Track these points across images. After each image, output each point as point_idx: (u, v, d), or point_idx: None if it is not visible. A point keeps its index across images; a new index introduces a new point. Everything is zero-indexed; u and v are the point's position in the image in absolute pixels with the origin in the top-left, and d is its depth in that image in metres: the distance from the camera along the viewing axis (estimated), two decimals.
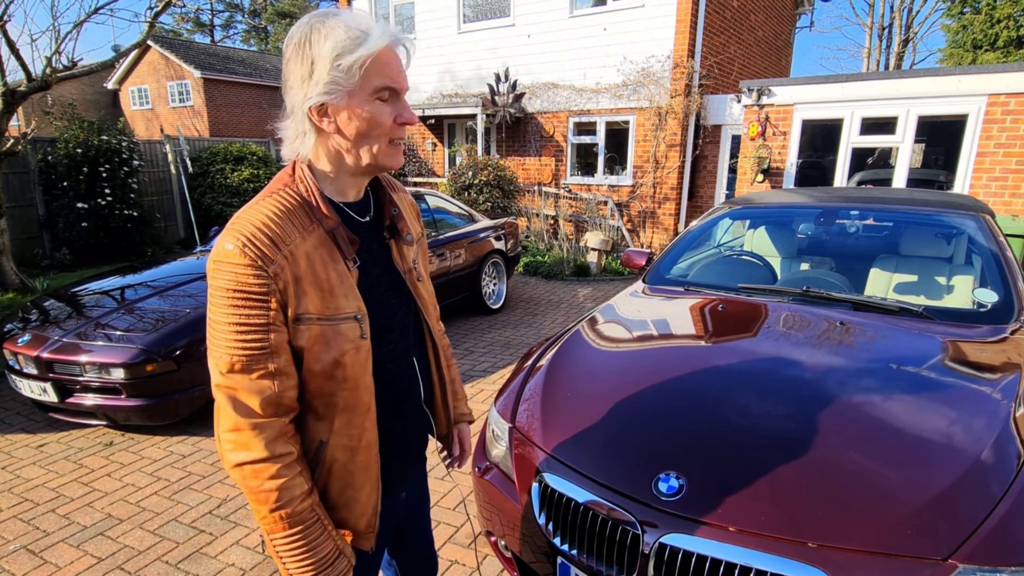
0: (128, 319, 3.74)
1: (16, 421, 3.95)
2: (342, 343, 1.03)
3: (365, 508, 1.13)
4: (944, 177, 8.31)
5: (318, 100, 0.98)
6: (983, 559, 1.25)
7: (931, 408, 1.74)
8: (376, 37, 0.97)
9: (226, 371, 0.97)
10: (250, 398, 0.98)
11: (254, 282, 0.95)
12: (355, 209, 1.14)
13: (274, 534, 1.02)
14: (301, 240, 1.00)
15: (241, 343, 0.96)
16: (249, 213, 0.99)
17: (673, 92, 8.92)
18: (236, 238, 0.95)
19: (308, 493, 1.03)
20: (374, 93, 1.00)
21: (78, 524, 2.82)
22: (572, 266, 8.73)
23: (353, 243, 1.07)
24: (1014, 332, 2.24)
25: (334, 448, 1.08)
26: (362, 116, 1.00)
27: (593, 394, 2.00)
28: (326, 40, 0.96)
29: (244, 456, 0.98)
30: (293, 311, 0.99)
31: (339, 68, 0.96)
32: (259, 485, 0.98)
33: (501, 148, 11.15)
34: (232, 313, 0.95)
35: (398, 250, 1.20)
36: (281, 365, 0.99)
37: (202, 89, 20.19)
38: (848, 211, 3.37)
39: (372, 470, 1.12)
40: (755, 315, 2.48)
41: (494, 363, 5.00)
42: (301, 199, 1.03)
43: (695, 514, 1.45)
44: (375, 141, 1.03)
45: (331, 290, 1.02)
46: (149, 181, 9.95)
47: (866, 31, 24.27)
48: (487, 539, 2.08)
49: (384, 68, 0.99)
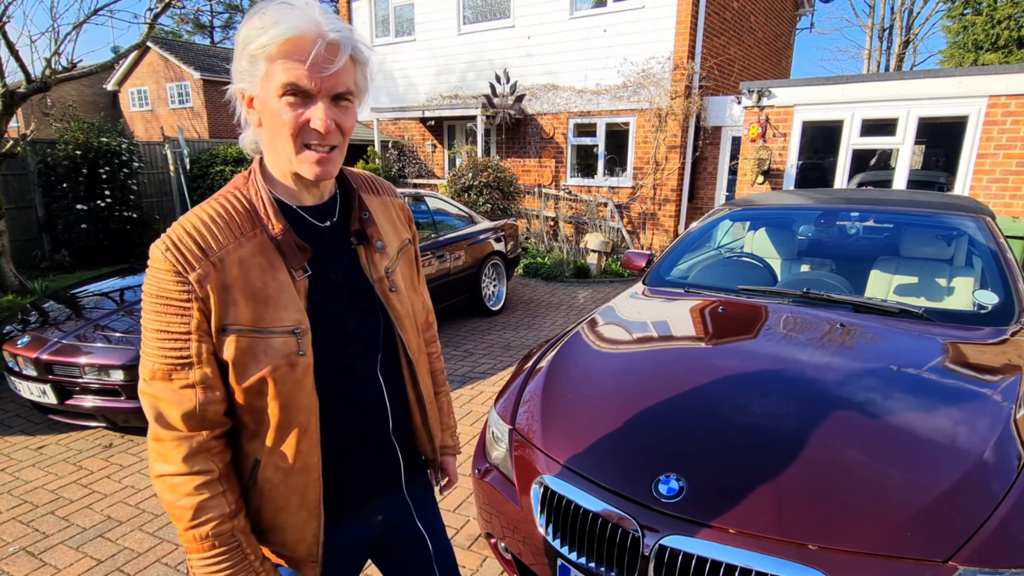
0: (127, 321, 3.73)
1: (15, 423, 3.95)
2: (273, 357, 0.95)
3: (303, 534, 1.05)
4: (944, 179, 8.31)
5: (236, 85, 0.95)
6: (984, 561, 1.25)
7: (931, 410, 1.74)
8: (283, 28, 0.88)
9: (148, 378, 0.94)
10: (171, 409, 0.94)
11: (173, 288, 0.91)
12: (314, 213, 1.05)
13: (190, 554, 0.97)
14: (236, 246, 0.94)
15: (162, 350, 0.93)
16: (185, 217, 0.96)
17: (673, 94, 8.92)
18: (163, 242, 0.93)
19: (230, 516, 0.97)
20: (280, 90, 0.90)
21: (77, 526, 2.82)
22: (572, 268, 8.73)
23: (303, 251, 0.99)
24: (1014, 334, 2.24)
25: (267, 467, 1.01)
26: (267, 109, 0.93)
27: (593, 396, 2.00)
28: (243, 26, 0.92)
29: (163, 468, 0.95)
30: (218, 321, 0.93)
31: (246, 56, 0.91)
32: (175, 500, 0.95)
33: (501, 149, 11.16)
34: (154, 318, 0.92)
35: (367, 257, 1.10)
36: (204, 377, 0.94)
37: (201, 90, 20.20)
38: (848, 213, 3.37)
39: (310, 495, 1.04)
40: (755, 317, 2.47)
41: (494, 365, 5.00)
42: (248, 202, 0.98)
43: (695, 516, 1.45)
44: (284, 142, 0.94)
45: (266, 300, 0.95)
46: (149, 183, 9.95)
47: (866, 32, 24.29)
48: (487, 541, 2.07)
49: (289, 67, 0.89)
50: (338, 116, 0.95)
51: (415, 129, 12.49)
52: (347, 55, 0.92)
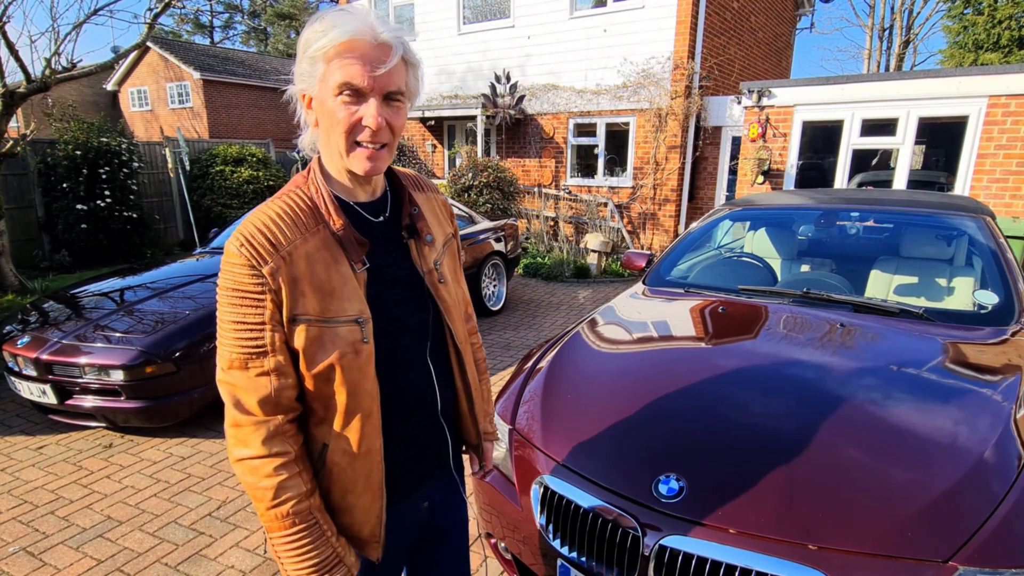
0: (127, 321, 3.73)
1: (15, 423, 3.95)
2: (340, 345, 1.01)
3: (368, 516, 1.11)
4: (944, 179, 8.31)
5: (296, 87, 1.03)
6: (984, 561, 1.25)
7: (931, 410, 1.74)
8: (340, 31, 0.95)
9: (226, 367, 1.00)
10: (247, 396, 1.00)
11: (248, 281, 0.97)
12: (368, 209, 1.12)
13: (272, 533, 1.03)
14: (302, 241, 1.01)
15: (239, 340, 0.99)
16: (253, 215, 1.02)
17: (673, 94, 8.92)
18: (236, 239, 0.98)
19: (307, 495, 1.03)
20: (336, 89, 0.97)
21: (77, 526, 2.82)
22: (572, 268, 8.73)
23: (362, 245, 1.06)
24: (1015, 334, 2.24)
25: (334, 452, 1.06)
26: (324, 109, 1.00)
27: (593, 396, 2.00)
28: (305, 31, 0.99)
29: (243, 452, 1.01)
30: (289, 311, 0.99)
31: (307, 58, 0.98)
32: (256, 482, 1.00)
33: (501, 149, 11.15)
34: (231, 310, 0.98)
35: (417, 251, 1.17)
36: (278, 364, 1.00)
37: (201, 90, 20.19)
38: (848, 213, 3.37)
39: (374, 478, 1.10)
40: (755, 317, 2.47)
41: (494, 365, 5.00)
42: (309, 200, 1.05)
43: (695, 516, 1.45)
44: (338, 138, 1.01)
45: (331, 292, 1.01)
46: (149, 183, 9.95)
47: (866, 32, 24.30)
48: (487, 541, 2.07)
49: (346, 66, 0.96)
50: (389, 115, 1.01)
51: (415, 129, 12.49)
52: (399, 56, 0.99)
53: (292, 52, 28.98)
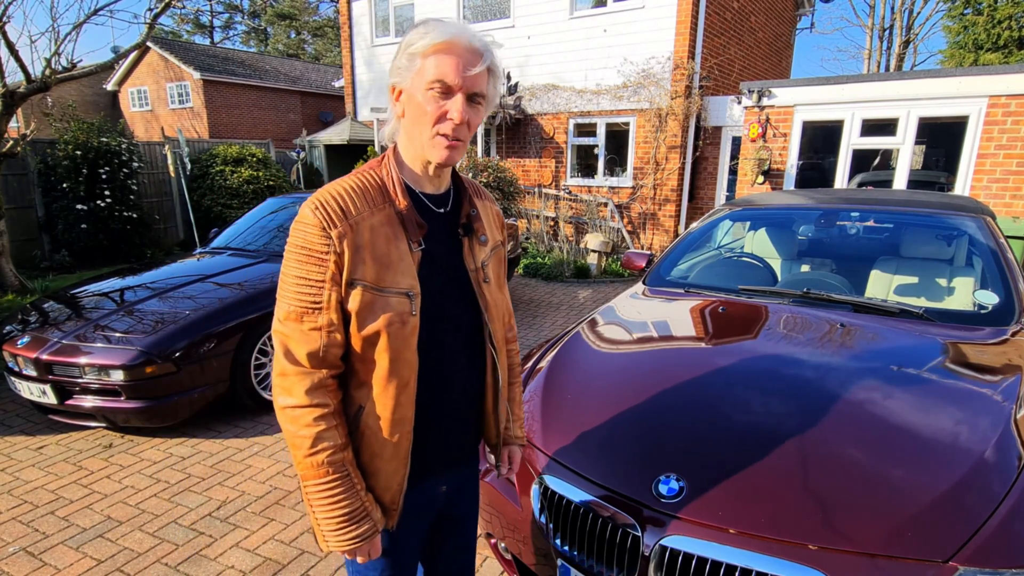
0: (128, 321, 3.73)
1: (15, 423, 3.95)
2: (389, 313, 1.09)
3: (390, 481, 1.17)
4: (945, 179, 8.31)
5: (392, 80, 1.14)
6: (984, 561, 1.25)
7: (931, 410, 1.74)
8: (439, 33, 1.06)
9: (283, 319, 1.09)
10: (298, 347, 1.08)
11: (317, 241, 1.06)
12: (432, 200, 1.21)
13: (307, 480, 1.10)
14: (369, 214, 1.10)
15: (299, 294, 1.07)
16: (331, 184, 1.12)
17: (673, 93, 8.93)
18: (312, 202, 1.07)
19: (342, 447, 1.10)
20: (428, 84, 1.07)
21: (77, 526, 2.82)
22: (572, 268, 8.73)
23: (421, 227, 1.14)
24: (1015, 334, 2.24)
25: (369, 414, 1.13)
26: (413, 102, 1.10)
27: (593, 396, 2.00)
28: (408, 33, 1.11)
29: (286, 400, 1.09)
30: (348, 274, 1.07)
31: (407, 54, 1.09)
32: (296, 430, 1.07)
33: (501, 149, 11.16)
34: (296, 266, 1.07)
35: (469, 248, 1.24)
36: (330, 321, 1.08)
37: (201, 91, 20.19)
38: (849, 213, 3.37)
39: (402, 446, 1.15)
40: (755, 317, 2.47)
41: None
42: (380, 180, 1.15)
43: (695, 516, 1.45)
44: (422, 129, 1.10)
45: (388, 264, 1.10)
46: (149, 183, 9.94)
47: (867, 32, 24.30)
48: (487, 541, 2.07)
49: (441, 64, 1.06)
50: (470, 113, 1.10)
51: None
52: (487, 63, 1.10)
53: (292, 52, 29.01)
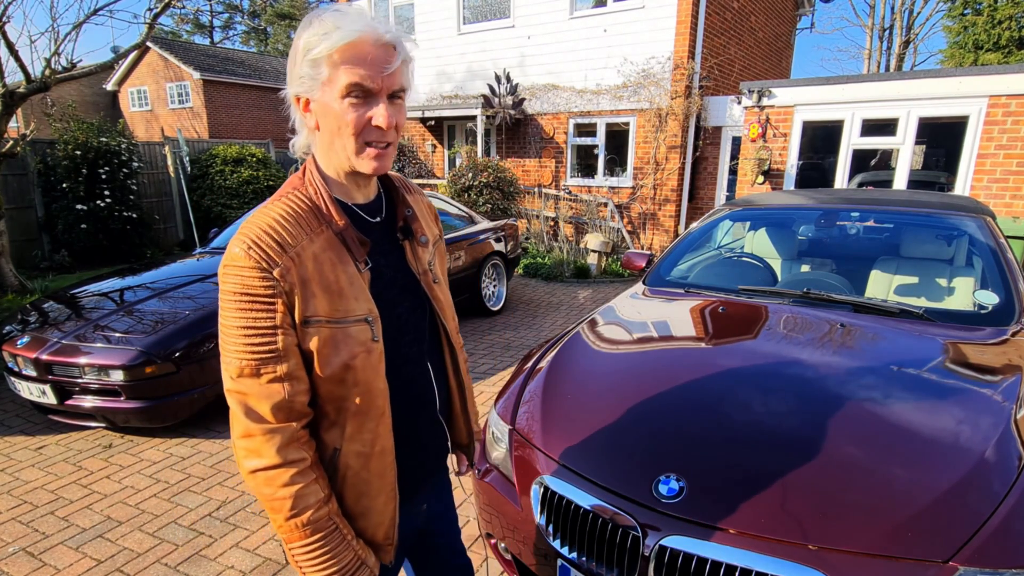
0: (127, 321, 3.73)
1: (15, 423, 3.95)
2: (352, 346, 1.01)
3: (382, 517, 1.10)
4: (945, 179, 8.31)
5: (292, 91, 1.01)
6: (984, 561, 1.25)
7: (931, 410, 1.73)
8: (344, 32, 0.93)
9: (236, 376, 0.96)
10: (260, 403, 0.96)
11: (259, 284, 0.94)
12: (366, 210, 1.12)
13: (292, 543, 1.00)
14: (308, 242, 0.99)
15: (249, 347, 0.95)
16: (256, 217, 0.99)
17: (673, 93, 8.92)
18: (242, 241, 0.95)
19: (324, 501, 1.01)
20: (343, 91, 0.96)
21: (77, 526, 2.82)
22: (572, 268, 8.72)
23: (364, 244, 1.05)
24: (1015, 334, 2.23)
25: (347, 455, 1.05)
26: (328, 112, 0.98)
27: (593, 396, 2.00)
28: (303, 32, 0.97)
29: (256, 463, 0.97)
30: (301, 314, 0.97)
31: (307, 61, 0.96)
32: (273, 492, 0.97)
33: (501, 150, 11.15)
34: (240, 316, 0.95)
35: (412, 251, 1.18)
36: (291, 369, 0.97)
37: (201, 90, 20.19)
38: (849, 213, 3.37)
39: (388, 478, 1.09)
40: (755, 317, 2.47)
41: (494, 365, 4.99)
42: (310, 201, 1.03)
43: (695, 516, 1.45)
44: (344, 141, 1.00)
45: (340, 292, 1.00)
46: (148, 183, 9.94)
47: (867, 32, 24.30)
48: (487, 541, 2.07)
49: (354, 67, 0.94)
50: (395, 114, 1.01)
51: (415, 129, 12.49)
52: (402, 56, 0.99)
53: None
